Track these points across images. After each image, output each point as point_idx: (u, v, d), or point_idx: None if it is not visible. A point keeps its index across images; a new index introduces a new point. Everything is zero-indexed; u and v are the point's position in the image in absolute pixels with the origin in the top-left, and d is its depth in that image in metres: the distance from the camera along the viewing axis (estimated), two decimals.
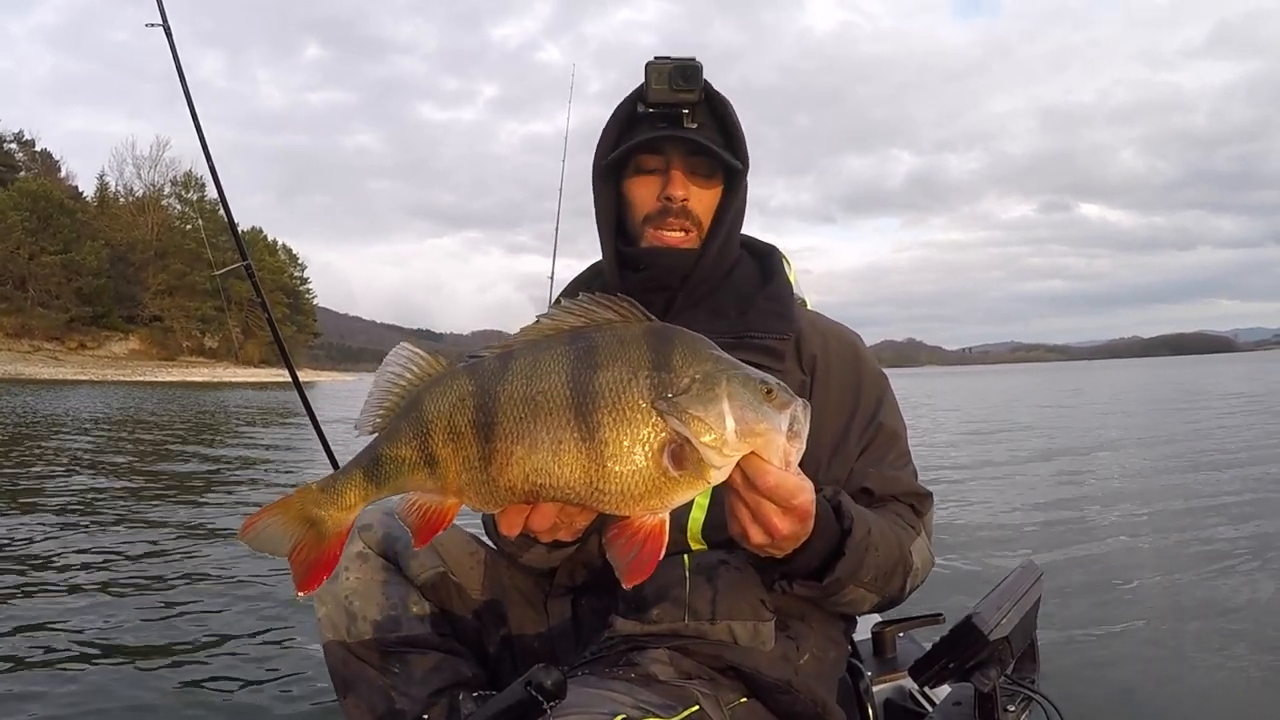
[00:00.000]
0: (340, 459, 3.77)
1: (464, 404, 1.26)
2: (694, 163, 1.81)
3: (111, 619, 5.13)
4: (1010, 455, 14.31)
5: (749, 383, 1.21)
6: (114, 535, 7.69)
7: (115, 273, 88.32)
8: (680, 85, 1.76)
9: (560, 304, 1.31)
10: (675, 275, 1.83)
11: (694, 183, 1.82)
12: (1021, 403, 34.40)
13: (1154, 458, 13.25)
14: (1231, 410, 23.58)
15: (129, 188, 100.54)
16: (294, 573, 1.31)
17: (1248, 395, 30.86)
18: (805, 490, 1.28)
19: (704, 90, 1.79)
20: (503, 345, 1.31)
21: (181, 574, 6.29)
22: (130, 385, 55.91)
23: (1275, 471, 10.87)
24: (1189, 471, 11.34)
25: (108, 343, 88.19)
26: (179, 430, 20.61)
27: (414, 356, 1.33)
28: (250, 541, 1.30)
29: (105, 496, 9.88)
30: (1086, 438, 17.36)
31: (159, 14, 3.76)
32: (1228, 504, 8.74)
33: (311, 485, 1.31)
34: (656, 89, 1.77)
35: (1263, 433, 16.51)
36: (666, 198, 1.80)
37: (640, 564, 1.21)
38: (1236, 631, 4.78)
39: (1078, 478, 11.33)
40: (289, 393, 39.94)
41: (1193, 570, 6.21)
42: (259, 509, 1.31)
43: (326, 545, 1.31)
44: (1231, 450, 13.53)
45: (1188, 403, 28.36)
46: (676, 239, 1.81)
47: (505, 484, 1.25)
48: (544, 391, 1.23)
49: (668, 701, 1.51)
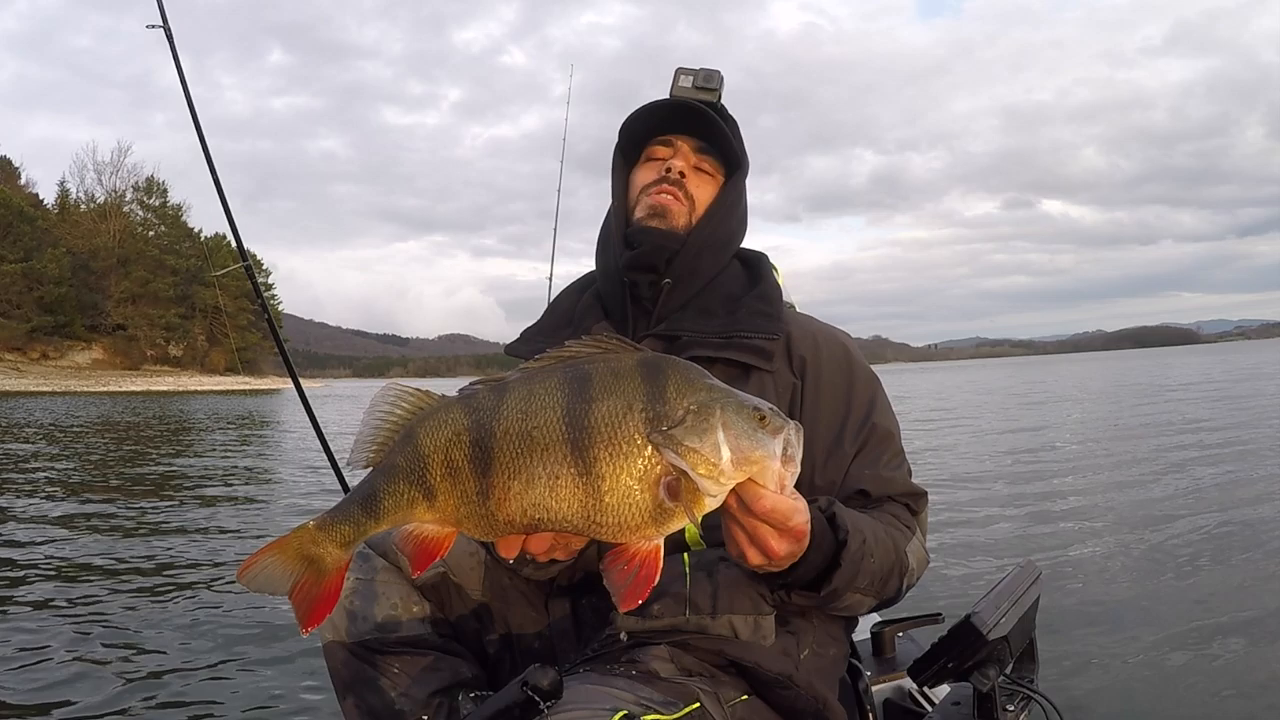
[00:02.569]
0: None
1: (460, 438, 1.27)
2: (699, 158, 1.95)
3: (111, 619, 5.12)
4: (1004, 451, 14.46)
5: (742, 410, 1.23)
6: (113, 536, 7.71)
7: (77, 281, 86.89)
8: (704, 85, 1.96)
9: (547, 354, 1.33)
10: (661, 255, 1.88)
11: (695, 169, 1.95)
12: (995, 395, 34.75)
13: (1148, 451, 13.37)
14: (1212, 397, 23.92)
15: (90, 194, 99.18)
16: (296, 612, 1.30)
17: (1221, 382, 31.34)
18: (800, 512, 1.31)
19: (719, 98, 1.98)
20: (496, 377, 1.33)
21: (181, 574, 6.27)
22: (94, 395, 55.26)
23: (1269, 465, 11.01)
24: (1186, 467, 11.42)
25: (70, 352, 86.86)
26: (172, 437, 20.51)
27: (403, 393, 1.33)
28: (249, 583, 1.29)
29: (101, 502, 9.87)
30: (1080, 432, 17.55)
31: (159, 15, 3.72)
32: (1226, 500, 8.82)
33: (309, 524, 1.31)
34: (685, 86, 1.97)
35: (1246, 420, 16.91)
36: (666, 168, 1.93)
37: (636, 589, 1.23)
38: (1237, 630, 4.81)
39: (1076, 477, 11.41)
40: (256, 400, 39.76)
41: (1193, 569, 6.24)
42: (256, 550, 1.30)
43: (326, 582, 1.31)
44: (1220, 443, 13.69)
45: (1175, 393, 28.86)
46: (668, 201, 1.89)
47: (504, 517, 1.26)
48: (540, 426, 1.25)
49: (669, 698, 1.53)
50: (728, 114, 2.00)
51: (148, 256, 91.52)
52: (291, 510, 9.78)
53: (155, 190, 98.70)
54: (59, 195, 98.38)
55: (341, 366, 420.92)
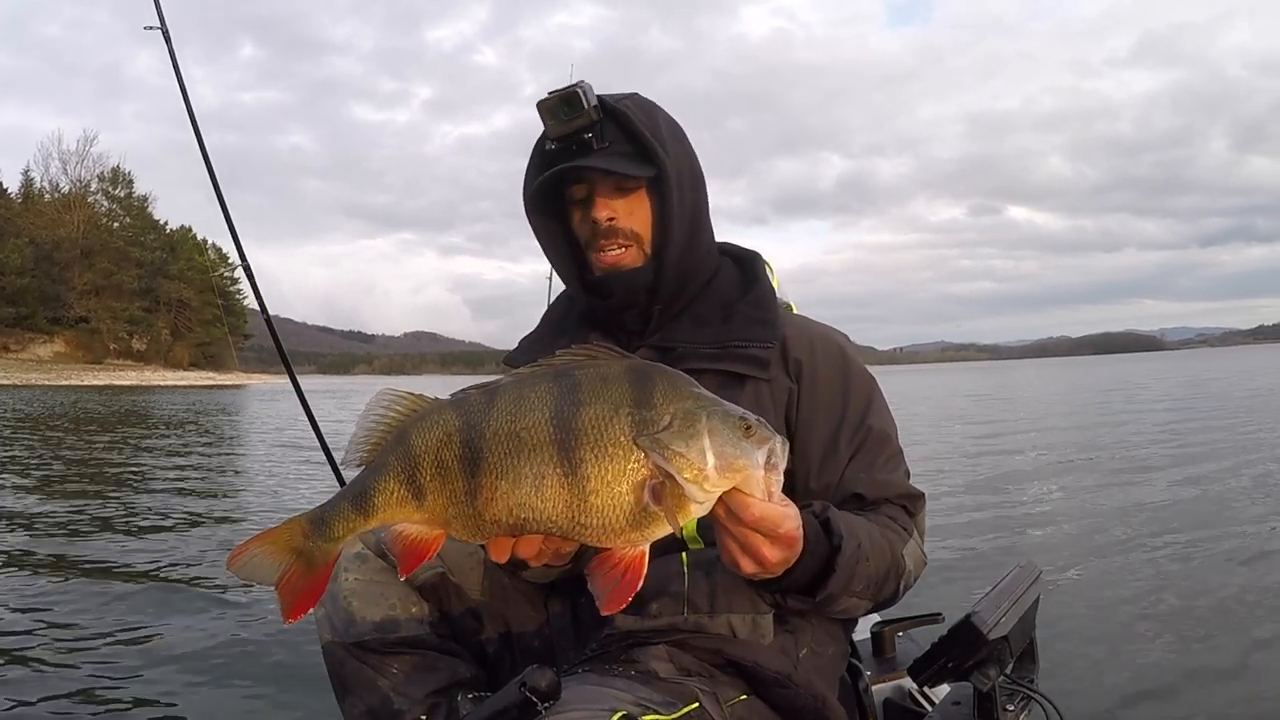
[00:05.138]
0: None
1: (450, 439, 1.30)
2: (613, 179, 1.80)
3: (110, 620, 5.08)
4: (1003, 452, 14.54)
5: (729, 419, 1.25)
6: (111, 536, 7.64)
7: (40, 272, 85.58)
8: (567, 115, 1.76)
9: (538, 361, 1.36)
10: (638, 294, 1.84)
11: (618, 199, 1.81)
12: (974, 398, 35.06)
13: (1148, 451, 13.48)
14: (1206, 399, 24.29)
15: (55, 184, 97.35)
16: (281, 602, 1.34)
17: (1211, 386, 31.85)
18: (790, 518, 1.31)
19: (599, 109, 1.78)
20: (489, 382, 1.36)
21: (180, 574, 6.24)
22: (56, 389, 54.61)
23: (1267, 466, 11.14)
24: (1186, 467, 11.51)
25: (32, 345, 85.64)
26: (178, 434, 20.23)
27: (397, 396, 1.36)
28: (238, 570, 1.32)
29: (97, 500, 9.78)
30: (1081, 432, 17.72)
31: (157, 17, 3.67)
32: (1229, 501, 8.89)
33: (300, 517, 1.34)
34: (550, 124, 1.79)
35: (1246, 421, 17.20)
36: (592, 220, 1.81)
37: (620, 594, 1.25)
38: (1238, 630, 4.83)
39: (1074, 474, 11.49)
40: (221, 394, 39.56)
41: (1195, 568, 6.27)
42: (247, 539, 1.34)
43: (314, 575, 1.34)
44: (1220, 444, 13.85)
45: (1157, 398, 29.16)
46: (616, 256, 1.82)
47: (490, 517, 1.29)
48: (528, 428, 1.27)
49: (668, 698, 1.53)
50: (621, 116, 1.80)
51: (112, 248, 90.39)
52: (273, 503, 9.76)
53: (121, 181, 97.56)
54: (23, 184, 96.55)
55: (307, 363, 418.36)
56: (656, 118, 1.84)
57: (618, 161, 1.77)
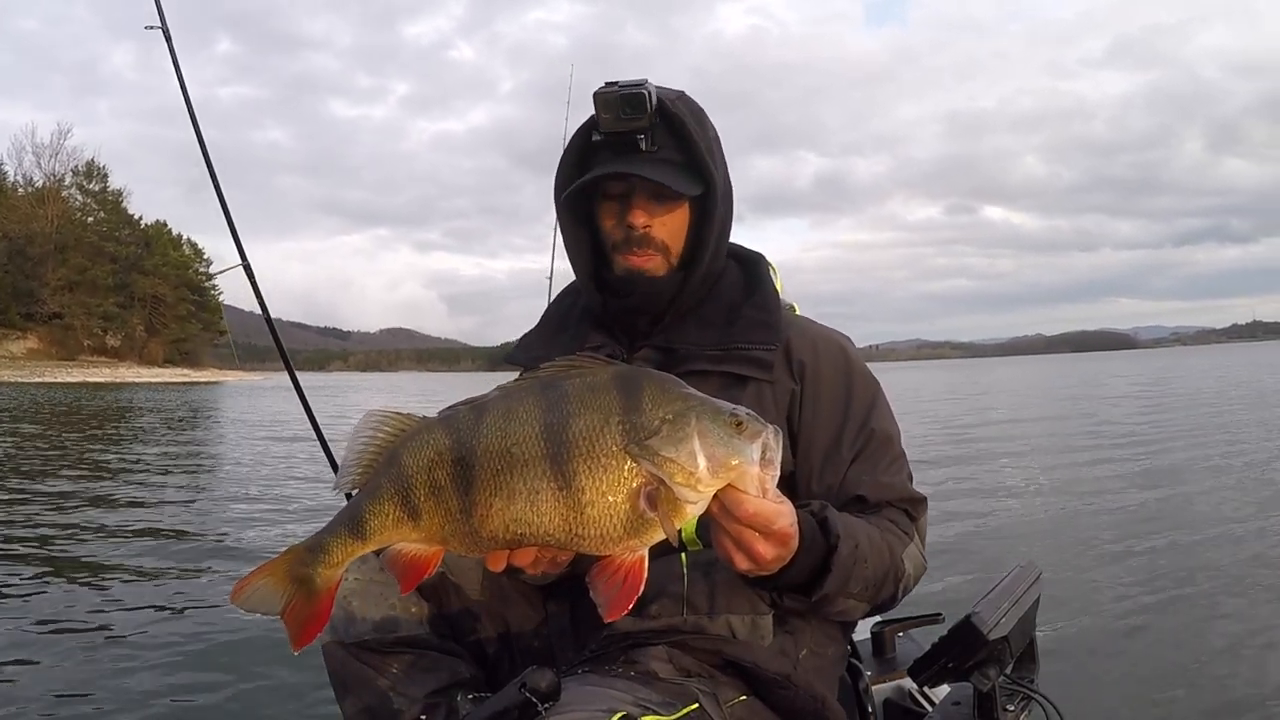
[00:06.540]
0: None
1: (442, 458, 1.30)
2: (656, 187, 1.76)
3: (108, 620, 5.09)
4: (1002, 451, 14.65)
5: (718, 418, 1.24)
6: (111, 536, 7.65)
7: (13, 267, 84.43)
8: (628, 114, 1.73)
9: (524, 375, 1.39)
10: (658, 301, 1.83)
11: (657, 208, 1.79)
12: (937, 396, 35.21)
13: (1148, 452, 13.56)
14: (1200, 401, 24.52)
15: (28, 177, 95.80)
16: (288, 631, 1.34)
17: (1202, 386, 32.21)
18: (784, 515, 1.31)
19: (658, 112, 1.75)
20: (476, 398, 1.36)
21: (180, 574, 6.23)
22: (29, 386, 54.03)
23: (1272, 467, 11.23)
24: (1186, 467, 11.61)
25: (4, 341, 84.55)
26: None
27: (386, 417, 1.36)
28: (242, 604, 1.33)
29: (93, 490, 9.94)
30: (1080, 433, 17.80)
31: (158, 17, 3.63)
32: (1230, 502, 8.97)
33: (299, 545, 1.35)
34: (606, 118, 1.75)
35: (1244, 422, 17.41)
36: (628, 225, 1.79)
37: (621, 600, 1.25)
38: (1239, 630, 4.88)
39: (1073, 473, 11.57)
40: (197, 390, 39.30)
41: (1196, 568, 6.31)
42: (248, 573, 1.34)
43: (317, 602, 1.35)
44: (1222, 444, 13.98)
45: (1145, 395, 29.55)
46: (642, 262, 1.81)
47: (487, 533, 1.29)
48: (519, 443, 1.28)
49: (667, 699, 1.53)
50: (676, 122, 1.77)
51: (86, 243, 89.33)
52: (276, 510, 9.72)
53: (95, 175, 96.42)
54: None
55: (281, 360, 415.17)
56: (707, 128, 1.82)
57: (668, 173, 1.75)
